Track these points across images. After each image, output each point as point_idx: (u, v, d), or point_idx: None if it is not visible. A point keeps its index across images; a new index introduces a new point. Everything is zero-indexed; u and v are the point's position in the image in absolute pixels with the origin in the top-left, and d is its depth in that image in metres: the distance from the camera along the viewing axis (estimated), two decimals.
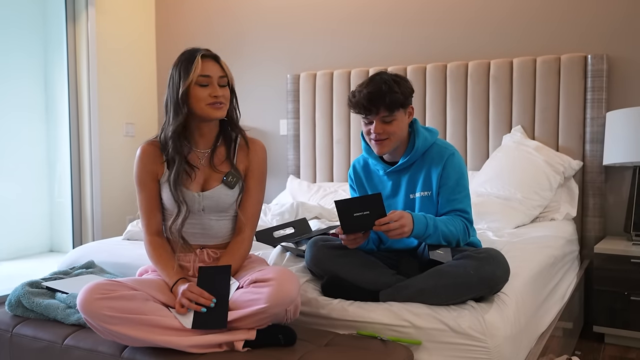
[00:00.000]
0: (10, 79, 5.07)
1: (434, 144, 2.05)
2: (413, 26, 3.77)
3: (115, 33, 4.42)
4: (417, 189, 2.04)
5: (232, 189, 1.88)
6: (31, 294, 1.98)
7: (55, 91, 5.19)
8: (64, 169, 4.91)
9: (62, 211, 5.22)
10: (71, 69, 4.24)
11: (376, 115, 1.95)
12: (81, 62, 4.22)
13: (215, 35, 4.51)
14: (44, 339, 1.85)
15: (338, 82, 3.88)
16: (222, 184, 1.87)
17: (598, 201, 3.22)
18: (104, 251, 2.57)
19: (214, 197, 1.85)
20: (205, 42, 4.54)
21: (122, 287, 1.65)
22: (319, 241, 2.02)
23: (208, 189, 1.87)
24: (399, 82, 1.96)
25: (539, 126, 3.33)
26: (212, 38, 4.52)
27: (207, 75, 1.81)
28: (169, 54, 4.73)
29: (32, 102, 5.23)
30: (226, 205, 1.88)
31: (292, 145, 4.11)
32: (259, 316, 1.61)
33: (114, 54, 4.41)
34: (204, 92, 1.81)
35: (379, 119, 1.95)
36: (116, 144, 4.45)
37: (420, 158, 2.04)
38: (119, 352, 1.70)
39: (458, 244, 1.96)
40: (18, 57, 5.11)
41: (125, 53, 4.52)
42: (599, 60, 3.16)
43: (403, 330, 1.76)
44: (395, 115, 1.95)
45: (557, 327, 2.33)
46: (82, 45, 4.20)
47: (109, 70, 4.36)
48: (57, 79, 5.13)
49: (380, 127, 1.95)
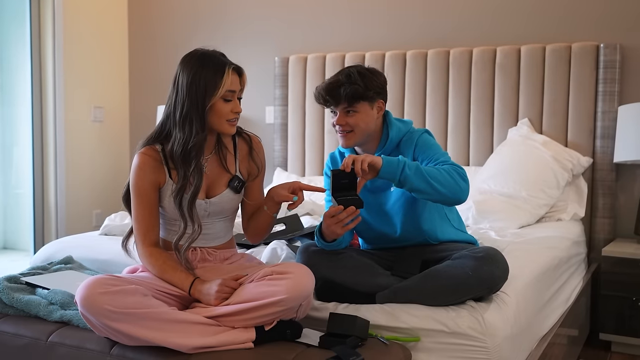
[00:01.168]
0: None
1: (407, 133, 2.28)
2: (414, 8, 3.96)
3: (84, 8, 4.56)
4: None
5: (238, 193, 2.09)
6: (10, 289, 2.14)
7: (11, 70, 5.30)
8: (22, 156, 5.02)
9: (19, 204, 5.34)
10: (34, 46, 4.36)
11: (336, 106, 2.16)
12: (46, 37, 4.36)
13: (195, 12, 4.66)
14: (26, 336, 2.02)
15: (331, 67, 4.06)
16: (229, 189, 2.07)
17: (608, 201, 3.44)
18: (81, 246, 2.75)
19: (220, 202, 2.06)
20: (183, 20, 4.69)
21: (123, 281, 1.84)
22: (310, 247, 2.22)
23: (213, 194, 2.06)
24: (365, 74, 2.17)
25: (547, 119, 3.54)
26: (192, 16, 4.67)
27: (233, 91, 1.98)
28: (143, 32, 4.88)
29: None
30: (229, 209, 2.11)
31: (279, 135, 4.29)
32: (273, 308, 1.81)
33: (82, 31, 4.55)
34: (227, 107, 1.97)
35: (341, 110, 2.17)
36: (83, 129, 4.60)
37: (395, 149, 2.26)
38: (108, 349, 1.88)
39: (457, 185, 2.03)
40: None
41: (94, 30, 4.66)
42: (612, 50, 3.37)
43: (401, 331, 1.96)
44: (357, 107, 2.15)
45: (560, 333, 2.55)
46: (48, 20, 4.33)
47: (76, 49, 4.50)
48: (13, 56, 5.24)
49: (342, 119, 2.16)
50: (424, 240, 2.24)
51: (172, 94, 2.00)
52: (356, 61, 3.96)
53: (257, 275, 1.91)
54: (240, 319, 1.85)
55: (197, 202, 2.01)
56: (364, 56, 3.97)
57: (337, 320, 1.91)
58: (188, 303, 1.97)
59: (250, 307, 1.83)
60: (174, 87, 1.99)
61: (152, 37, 4.85)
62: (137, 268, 2.10)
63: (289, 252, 2.43)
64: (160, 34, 4.82)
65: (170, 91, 2.01)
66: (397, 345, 1.91)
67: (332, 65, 4.06)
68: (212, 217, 2.07)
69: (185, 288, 1.94)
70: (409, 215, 2.22)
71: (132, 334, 1.78)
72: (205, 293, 1.90)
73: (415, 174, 1.99)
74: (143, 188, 2.00)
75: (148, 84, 4.88)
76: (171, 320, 1.81)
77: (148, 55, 4.88)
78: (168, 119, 2.02)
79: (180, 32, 4.71)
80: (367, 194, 2.28)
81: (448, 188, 2.02)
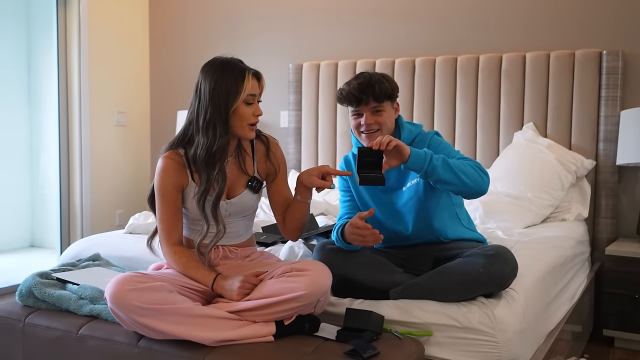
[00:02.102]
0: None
1: (417, 136, 2.30)
2: (422, 17, 3.98)
3: (107, 16, 4.60)
4: (408, 179, 2.26)
5: (256, 193, 2.11)
6: (42, 284, 2.18)
7: (39, 76, 5.36)
8: (49, 158, 5.07)
9: (46, 204, 5.39)
10: (61, 53, 4.40)
11: (366, 105, 2.19)
12: (72, 46, 4.39)
13: (213, 21, 4.69)
14: (58, 329, 2.05)
15: (343, 73, 4.08)
16: (247, 189, 2.09)
17: (611, 202, 3.45)
18: (107, 244, 2.78)
19: (240, 202, 2.08)
20: (201, 28, 4.73)
21: (150, 278, 1.86)
22: (326, 245, 2.24)
23: (233, 195, 2.08)
24: (386, 76, 2.24)
25: (552, 124, 3.55)
26: (210, 24, 4.71)
27: (253, 95, 2.00)
28: (164, 40, 4.92)
29: (15, 87, 5.39)
30: (249, 208, 2.13)
31: (293, 139, 4.32)
32: (293, 303, 1.83)
33: (106, 40, 4.59)
34: (249, 110, 1.99)
35: (369, 110, 2.20)
36: (107, 133, 4.64)
37: None
38: (135, 342, 1.90)
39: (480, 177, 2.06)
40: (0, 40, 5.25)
41: (117, 39, 4.70)
42: (614, 56, 3.38)
43: (414, 326, 1.98)
44: (384, 106, 2.20)
45: (566, 329, 2.55)
46: (73, 28, 4.37)
47: (100, 56, 4.54)
48: (41, 63, 5.30)
49: (370, 118, 2.20)
50: (435, 239, 2.25)
51: (194, 101, 2.01)
52: (367, 68, 3.97)
53: (277, 272, 1.93)
54: (261, 314, 1.87)
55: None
56: (374, 63, 3.99)
57: (353, 315, 1.93)
58: (211, 298, 1.99)
59: (271, 303, 1.85)
60: (196, 95, 2.01)
61: (171, 45, 4.89)
62: (162, 265, 2.13)
63: (305, 250, 2.45)
64: (179, 42, 4.85)
65: (193, 98, 2.02)
66: (411, 340, 1.92)
67: (343, 72, 4.08)
68: (233, 216, 2.09)
69: (208, 284, 1.95)
70: (420, 214, 2.23)
71: (158, 328, 1.80)
72: (228, 289, 1.92)
73: (443, 165, 2.00)
74: (167, 190, 2.02)
75: (168, 90, 4.91)
76: (195, 315, 1.83)
77: (168, 62, 4.92)
78: (191, 125, 2.03)
79: (199, 41, 4.74)
80: (380, 194, 2.30)
81: (472, 180, 2.04)
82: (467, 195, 2.12)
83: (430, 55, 3.90)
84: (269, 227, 2.84)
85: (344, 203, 2.40)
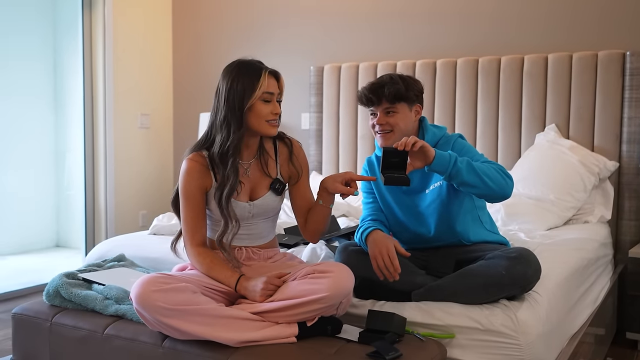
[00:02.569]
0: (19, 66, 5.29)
1: (441, 138, 2.28)
2: (443, 19, 3.96)
3: (131, 21, 4.64)
4: (431, 182, 2.25)
5: (279, 195, 2.10)
6: (69, 284, 2.20)
7: (65, 80, 5.43)
8: (74, 161, 5.12)
9: (71, 205, 5.46)
10: (86, 57, 4.45)
11: (378, 106, 2.19)
12: (97, 49, 4.44)
13: (236, 25, 4.71)
14: (84, 328, 2.07)
15: (364, 75, 4.07)
16: (270, 191, 2.08)
17: (634, 204, 3.39)
18: (132, 245, 2.80)
19: (263, 204, 2.08)
20: (224, 32, 4.75)
21: (174, 279, 1.87)
22: (348, 247, 2.24)
23: (256, 197, 2.08)
24: (406, 78, 2.22)
25: (574, 125, 3.50)
26: (232, 28, 4.72)
27: (271, 93, 1.99)
28: (186, 44, 4.95)
29: (41, 90, 5.46)
30: (272, 210, 2.12)
31: (314, 140, 4.32)
32: (315, 305, 1.83)
33: (130, 43, 4.63)
34: (267, 108, 1.99)
35: (382, 110, 2.20)
36: (131, 136, 4.68)
37: None
38: (160, 342, 1.91)
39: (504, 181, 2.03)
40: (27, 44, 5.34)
41: (141, 41, 4.74)
42: (638, 57, 3.32)
43: (436, 328, 1.96)
44: (397, 107, 2.18)
45: (589, 332, 2.52)
46: (99, 31, 4.42)
47: (124, 59, 4.58)
48: (66, 67, 5.37)
49: (382, 119, 2.19)
50: (457, 241, 2.24)
51: (214, 103, 2.04)
52: (388, 70, 3.96)
53: (300, 273, 1.92)
54: (283, 315, 1.87)
55: (241, 205, 2.04)
56: (395, 65, 3.98)
57: (375, 317, 1.92)
58: (234, 299, 1.99)
59: (294, 304, 1.84)
60: (216, 96, 2.03)
61: (194, 49, 4.92)
62: (187, 266, 2.13)
63: (327, 252, 2.45)
64: (202, 46, 4.88)
65: (214, 100, 2.04)
66: (433, 342, 1.91)
67: (364, 74, 4.07)
68: (256, 218, 2.09)
69: (232, 285, 1.96)
70: (443, 216, 2.22)
71: (182, 328, 1.81)
72: (251, 290, 1.92)
73: (467, 168, 1.99)
74: (191, 192, 2.03)
75: (190, 93, 4.94)
76: (219, 316, 1.83)
77: (190, 65, 4.95)
78: (212, 126, 2.05)
79: (221, 44, 4.77)
80: (402, 196, 2.29)
81: (497, 183, 2.01)
82: (490, 198, 2.09)
83: (451, 56, 3.88)
84: (291, 228, 2.85)
85: (367, 205, 2.39)
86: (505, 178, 2.04)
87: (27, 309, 2.25)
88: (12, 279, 4.36)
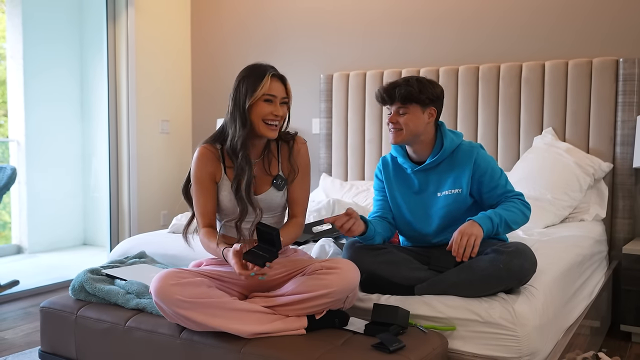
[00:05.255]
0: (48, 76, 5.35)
1: (460, 145, 2.27)
2: (445, 28, 3.95)
3: (152, 32, 4.66)
4: (445, 187, 2.24)
5: (280, 190, 2.09)
6: (93, 280, 2.22)
7: (91, 88, 5.47)
8: (100, 164, 5.16)
9: (97, 205, 5.50)
10: (110, 67, 4.48)
11: (391, 105, 2.20)
12: (120, 60, 4.47)
13: (250, 34, 4.73)
14: (107, 321, 2.08)
15: (371, 83, 4.07)
16: (272, 187, 2.08)
17: (628, 203, 3.37)
18: (153, 243, 2.81)
19: (267, 199, 2.07)
20: (239, 41, 4.76)
21: (191, 274, 1.88)
22: (355, 243, 2.23)
23: (259, 192, 2.07)
24: (422, 81, 2.20)
25: (570, 128, 3.48)
26: (246, 38, 4.74)
27: (272, 95, 1.99)
28: (204, 53, 4.97)
29: (69, 99, 5.51)
30: (277, 206, 2.11)
31: (324, 144, 4.32)
32: (324, 299, 1.84)
33: (151, 53, 4.66)
34: (267, 108, 1.98)
35: (395, 109, 2.20)
36: (152, 141, 4.70)
37: (448, 158, 2.25)
38: (177, 334, 1.92)
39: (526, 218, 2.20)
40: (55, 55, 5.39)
41: (161, 52, 4.76)
42: (631, 64, 3.30)
43: (438, 321, 1.96)
44: (409, 108, 2.17)
45: (584, 324, 2.50)
46: (122, 44, 4.45)
47: (146, 68, 4.61)
48: (92, 76, 5.41)
49: (394, 117, 2.20)
50: None
51: (228, 102, 2.05)
52: (393, 78, 3.95)
53: (309, 269, 1.92)
54: (293, 309, 1.87)
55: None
56: (400, 73, 3.97)
57: (380, 310, 1.91)
58: (248, 292, 2.00)
59: (303, 299, 1.85)
60: (230, 96, 2.04)
61: (211, 59, 4.93)
62: (202, 262, 2.14)
63: (335, 249, 2.45)
64: (219, 56, 4.90)
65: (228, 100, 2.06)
66: (435, 334, 1.91)
67: (371, 82, 4.06)
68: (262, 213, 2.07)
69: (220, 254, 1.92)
70: (451, 220, 2.23)
71: (198, 320, 1.82)
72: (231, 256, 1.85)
73: (504, 228, 2.13)
74: (201, 177, 2.03)
75: (208, 100, 4.96)
76: (232, 309, 1.84)
77: (208, 74, 4.96)
78: (225, 123, 2.07)
79: (236, 54, 4.78)
80: (413, 196, 2.29)
81: (521, 224, 2.18)
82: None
83: (453, 64, 3.87)
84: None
85: (377, 202, 2.39)
86: (527, 213, 2.20)
87: (54, 303, 2.27)
88: (42, 274, 4.39)
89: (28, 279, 4.16)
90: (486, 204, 2.23)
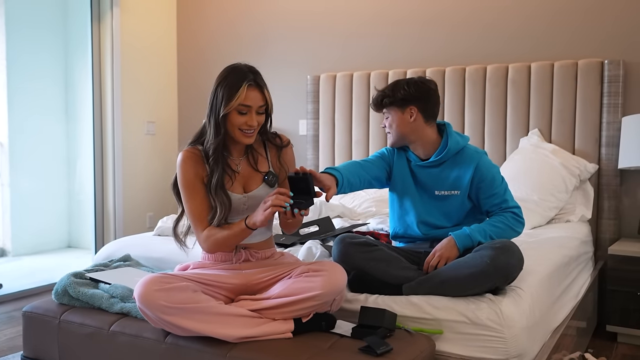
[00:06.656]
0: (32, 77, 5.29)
1: (464, 148, 2.29)
2: (432, 29, 3.95)
3: (138, 33, 4.62)
4: (445, 187, 2.27)
5: (272, 187, 2.06)
6: (76, 284, 2.18)
7: (75, 90, 5.42)
8: (84, 166, 5.11)
9: (82, 208, 5.44)
10: (95, 68, 4.44)
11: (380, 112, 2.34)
12: (105, 61, 4.43)
13: (236, 35, 4.70)
14: (91, 325, 2.05)
15: (358, 84, 4.06)
16: (264, 184, 2.05)
17: (613, 204, 3.38)
18: (138, 245, 2.77)
19: (257, 196, 2.03)
20: (226, 42, 4.74)
21: (176, 279, 1.85)
22: (346, 238, 2.21)
23: (250, 190, 2.04)
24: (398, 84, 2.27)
25: (556, 129, 3.49)
26: (233, 38, 4.71)
27: (247, 105, 1.94)
28: (190, 54, 4.93)
29: (53, 100, 5.46)
30: None
31: (311, 145, 4.30)
32: (310, 302, 1.82)
33: (137, 54, 4.62)
34: (241, 119, 1.94)
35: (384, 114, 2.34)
36: (138, 142, 4.66)
37: (452, 159, 2.27)
38: (162, 338, 1.90)
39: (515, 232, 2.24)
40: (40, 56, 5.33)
41: (147, 52, 4.72)
42: (616, 65, 3.32)
43: (425, 322, 1.94)
44: (389, 111, 2.29)
45: (571, 325, 2.50)
46: (107, 44, 4.40)
47: (131, 69, 4.57)
48: (77, 77, 5.36)
49: (383, 122, 2.35)
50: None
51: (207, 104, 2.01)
52: (380, 79, 3.96)
53: (295, 272, 1.91)
54: (280, 312, 1.85)
55: (236, 197, 1.99)
56: (387, 74, 3.96)
57: (367, 312, 1.90)
58: (234, 296, 1.97)
59: (289, 302, 1.83)
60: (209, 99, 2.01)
61: (198, 60, 4.90)
62: (188, 265, 2.11)
63: (322, 251, 2.42)
64: (205, 56, 4.87)
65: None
66: (422, 336, 1.90)
67: (358, 83, 4.06)
68: (251, 210, 2.02)
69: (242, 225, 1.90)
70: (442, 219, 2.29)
71: (183, 326, 1.79)
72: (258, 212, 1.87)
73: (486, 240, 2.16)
74: (190, 180, 1.98)
75: (194, 101, 4.93)
76: (218, 313, 1.82)
77: (194, 76, 4.93)
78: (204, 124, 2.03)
79: (223, 55, 4.75)
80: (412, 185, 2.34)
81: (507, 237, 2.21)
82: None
83: (440, 65, 3.87)
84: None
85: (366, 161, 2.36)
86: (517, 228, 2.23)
87: (36, 307, 2.23)
88: (26, 278, 4.34)
89: (11, 282, 4.10)
90: (482, 211, 2.30)
